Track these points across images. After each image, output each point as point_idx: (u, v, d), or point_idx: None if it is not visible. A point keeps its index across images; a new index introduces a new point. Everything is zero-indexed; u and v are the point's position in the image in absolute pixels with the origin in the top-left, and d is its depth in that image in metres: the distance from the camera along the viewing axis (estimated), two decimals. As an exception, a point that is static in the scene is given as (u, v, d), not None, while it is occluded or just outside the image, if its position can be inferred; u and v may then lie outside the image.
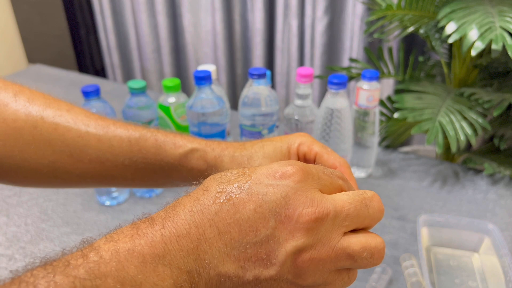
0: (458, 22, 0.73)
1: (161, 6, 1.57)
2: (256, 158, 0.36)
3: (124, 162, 0.35)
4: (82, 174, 0.35)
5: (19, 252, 0.60)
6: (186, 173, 0.37)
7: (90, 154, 0.34)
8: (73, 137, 0.34)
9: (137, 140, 0.35)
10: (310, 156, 0.36)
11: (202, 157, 0.36)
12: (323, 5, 1.32)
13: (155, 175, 0.36)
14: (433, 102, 0.81)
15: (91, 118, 0.35)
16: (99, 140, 0.34)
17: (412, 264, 0.57)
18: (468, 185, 0.76)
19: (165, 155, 0.36)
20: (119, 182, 0.36)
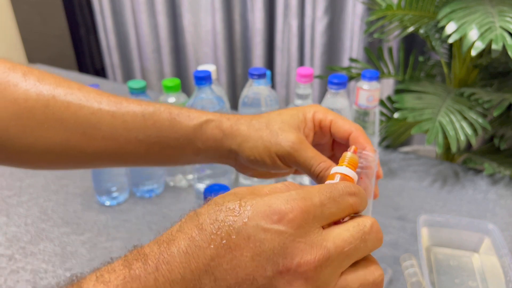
0: (458, 22, 0.73)
1: (161, 6, 1.57)
2: (275, 123, 0.36)
3: (138, 137, 0.35)
4: (95, 152, 0.34)
5: (19, 252, 0.60)
6: (201, 144, 0.36)
7: (103, 131, 0.34)
8: (86, 114, 0.33)
9: (151, 114, 0.35)
10: (325, 123, 0.37)
11: (217, 127, 0.36)
12: (323, 5, 1.32)
13: (169, 149, 0.36)
14: (433, 102, 0.81)
15: (103, 95, 0.35)
16: (113, 116, 0.34)
17: (412, 264, 0.57)
18: (468, 185, 0.77)
19: (179, 127, 0.36)
20: (132, 159, 0.36)
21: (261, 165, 0.36)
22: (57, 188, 0.75)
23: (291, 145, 0.35)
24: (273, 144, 0.35)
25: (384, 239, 0.66)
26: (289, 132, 0.36)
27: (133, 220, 0.67)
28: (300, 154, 0.35)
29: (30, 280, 0.55)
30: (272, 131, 0.36)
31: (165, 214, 0.68)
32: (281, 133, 0.35)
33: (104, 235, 0.63)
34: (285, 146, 0.35)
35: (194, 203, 0.71)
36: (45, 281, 0.55)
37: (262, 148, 0.35)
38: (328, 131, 0.37)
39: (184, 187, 0.75)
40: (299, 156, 0.35)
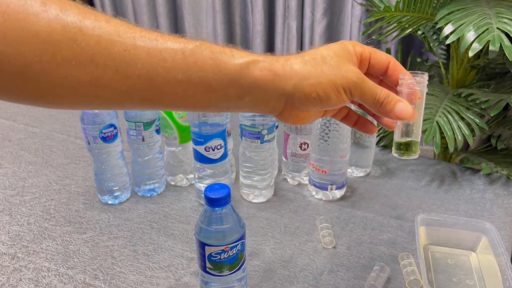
0: (456, 23, 0.74)
1: (162, 8, 1.58)
2: (330, 58, 0.35)
3: (177, 77, 0.32)
4: (129, 91, 0.31)
5: (21, 251, 0.61)
6: (247, 85, 0.34)
7: (139, 69, 0.31)
8: (119, 51, 0.30)
9: (192, 52, 0.32)
10: (365, 54, 0.38)
11: (266, 68, 0.34)
12: (322, 7, 1.33)
13: (211, 91, 0.33)
14: (431, 103, 0.82)
15: (135, 29, 0.32)
16: (149, 53, 0.31)
17: (410, 262, 0.57)
18: (466, 185, 0.77)
19: (224, 66, 0.33)
20: (169, 101, 0.33)
21: (324, 101, 0.35)
22: (59, 187, 0.75)
23: (356, 75, 0.35)
24: (338, 77, 0.35)
25: (382, 238, 0.67)
26: (349, 65, 0.36)
27: (135, 219, 0.67)
28: (366, 83, 0.36)
29: (32, 279, 0.56)
30: (333, 65, 0.35)
31: (166, 213, 0.69)
32: (342, 66, 0.35)
33: (106, 234, 0.64)
34: (352, 77, 0.35)
35: (195, 202, 0.72)
36: (47, 280, 0.56)
37: (327, 82, 0.35)
38: (367, 62, 0.39)
39: (184, 186, 0.76)
40: (365, 86, 0.36)
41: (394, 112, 0.37)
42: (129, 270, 0.57)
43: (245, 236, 0.48)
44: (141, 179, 0.72)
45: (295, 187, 0.77)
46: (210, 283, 0.50)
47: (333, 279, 0.56)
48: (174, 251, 0.61)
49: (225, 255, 0.46)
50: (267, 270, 0.58)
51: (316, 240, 0.63)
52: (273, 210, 0.70)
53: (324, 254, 0.60)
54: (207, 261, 0.47)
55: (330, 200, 0.72)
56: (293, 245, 0.62)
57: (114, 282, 0.55)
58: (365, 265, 0.58)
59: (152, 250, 0.61)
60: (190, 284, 0.55)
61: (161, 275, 0.57)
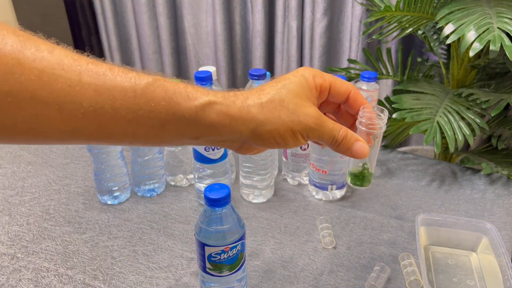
0: (456, 23, 0.74)
1: (162, 8, 1.57)
2: (288, 101, 0.35)
3: (126, 117, 0.30)
4: (73, 130, 0.29)
5: (21, 251, 0.60)
6: (203, 129, 0.33)
7: (85, 108, 0.28)
8: (63, 87, 0.27)
9: (143, 91, 0.30)
10: (325, 86, 0.37)
11: (223, 112, 0.33)
12: (322, 6, 1.33)
13: (163, 131, 0.32)
14: (431, 103, 0.82)
15: (81, 62, 0.29)
16: (96, 90, 0.28)
17: (410, 263, 0.57)
18: (466, 185, 0.77)
19: (178, 108, 0.31)
20: (116, 139, 0.31)
21: (281, 145, 0.35)
22: (59, 187, 0.75)
23: (314, 121, 0.35)
24: (295, 123, 0.34)
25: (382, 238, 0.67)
26: (306, 107, 0.35)
27: (134, 219, 0.67)
28: (323, 128, 0.35)
29: (32, 279, 0.56)
30: (290, 110, 0.34)
31: (166, 213, 0.69)
32: (300, 110, 0.35)
33: (106, 234, 0.64)
34: (309, 124, 0.35)
35: (195, 202, 0.72)
36: (47, 280, 0.56)
37: (284, 129, 0.34)
38: (326, 93, 0.38)
39: (184, 186, 0.76)
40: (323, 130, 0.35)
41: (351, 151, 0.37)
42: (129, 270, 0.57)
43: (245, 236, 0.48)
44: (141, 179, 0.72)
45: (295, 187, 0.76)
46: (210, 283, 0.50)
47: (333, 279, 0.56)
48: (173, 251, 0.61)
49: (225, 256, 0.46)
50: (267, 270, 0.58)
51: (316, 240, 0.63)
52: (273, 210, 0.70)
53: (324, 254, 0.60)
54: (207, 262, 0.46)
55: (330, 200, 0.72)
56: (293, 245, 0.62)
57: (114, 283, 0.55)
58: (366, 266, 0.58)
59: (152, 250, 0.61)
60: (190, 284, 0.55)
61: (161, 276, 0.56)
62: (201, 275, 0.50)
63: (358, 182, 0.42)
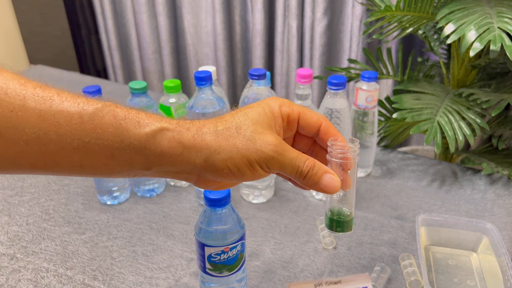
0: (457, 23, 0.74)
1: (161, 7, 1.57)
2: (246, 127, 0.32)
3: (72, 144, 0.28)
4: (16, 158, 0.28)
5: (20, 252, 0.60)
6: (153, 158, 0.31)
7: (27, 134, 0.27)
8: (4, 112, 0.26)
9: (90, 116, 0.28)
10: (293, 116, 0.34)
11: (175, 139, 0.31)
12: (322, 6, 1.32)
13: (112, 160, 0.30)
14: (432, 103, 0.81)
15: (27, 86, 0.28)
16: (40, 115, 0.27)
17: (411, 263, 0.57)
18: (467, 185, 0.77)
19: (127, 135, 0.29)
20: (63, 168, 0.30)
21: (238, 176, 0.32)
22: (58, 187, 0.75)
23: (273, 148, 0.31)
24: (251, 151, 0.31)
25: (382, 238, 0.67)
26: (265, 134, 0.32)
27: (134, 220, 0.67)
28: (284, 157, 0.32)
29: (31, 279, 0.56)
30: (247, 137, 0.31)
31: (165, 214, 0.68)
32: (258, 137, 0.32)
33: (105, 235, 0.64)
34: (267, 151, 0.31)
35: (194, 203, 0.72)
36: (46, 280, 0.56)
37: (239, 158, 0.31)
38: (296, 124, 0.35)
39: (184, 186, 0.76)
40: (283, 159, 0.32)
41: (319, 185, 0.33)
42: (129, 271, 0.57)
43: (245, 236, 0.48)
44: (141, 179, 0.72)
45: (295, 188, 0.76)
46: (210, 283, 0.50)
47: (334, 280, 0.56)
48: (173, 251, 0.60)
49: (225, 256, 0.46)
50: (267, 270, 0.57)
51: (317, 241, 0.63)
52: (273, 211, 0.70)
53: (325, 255, 0.60)
54: (206, 262, 0.46)
55: (330, 200, 0.72)
56: (293, 246, 0.62)
57: (113, 283, 0.55)
58: (366, 266, 0.58)
59: (152, 250, 0.61)
60: (190, 285, 0.55)
61: (161, 276, 0.56)
62: (201, 275, 0.50)
63: (338, 228, 0.36)
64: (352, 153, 0.34)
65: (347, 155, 0.34)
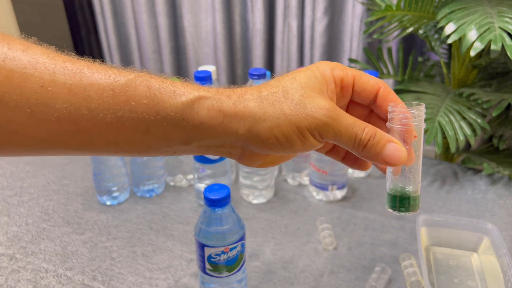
0: (457, 22, 0.74)
1: (161, 7, 1.57)
2: (294, 91, 0.28)
3: (105, 119, 0.26)
4: (48, 138, 0.26)
5: (20, 252, 0.60)
6: (191, 130, 0.28)
7: (58, 110, 0.25)
8: (34, 88, 0.25)
9: (123, 88, 0.27)
10: (347, 80, 0.30)
11: (214, 107, 0.28)
12: (322, 5, 1.32)
13: (149, 136, 0.28)
14: (432, 102, 0.81)
15: (57, 60, 0.26)
16: (70, 90, 0.26)
17: (411, 263, 0.57)
18: (467, 185, 0.77)
19: (162, 107, 0.27)
20: (98, 147, 0.28)
21: (286, 147, 0.29)
22: (58, 188, 0.75)
23: (326, 113, 0.28)
24: (301, 117, 0.28)
25: (383, 238, 0.66)
26: (317, 98, 0.28)
27: (133, 220, 0.67)
28: (340, 123, 0.28)
29: (31, 280, 0.56)
30: (295, 101, 0.28)
31: (165, 214, 0.68)
32: (308, 102, 0.28)
33: (105, 235, 0.64)
34: (319, 116, 0.27)
35: (194, 203, 0.71)
36: (45, 281, 0.55)
37: (287, 125, 0.28)
38: (350, 90, 0.31)
39: (184, 186, 0.76)
40: (338, 126, 0.28)
41: (382, 156, 0.28)
42: (128, 271, 0.57)
43: (245, 237, 0.47)
44: (140, 179, 0.71)
45: (296, 188, 0.76)
46: (210, 284, 0.49)
47: (334, 280, 0.56)
48: (173, 252, 0.60)
49: (225, 256, 0.45)
50: (267, 271, 0.57)
51: (317, 241, 0.63)
52: (273, 211, 0.69)
53: (325, 255, 0.60)
54: (206, 262, 0.46)
55: (330, 200, 0.72)
56: (294, 246, 0.62)
57: (113, 283, 0.55)
58: (366, 266, 0.58)
59: (151, 251, 0.60)
60: (190, 285, 0.55)
61: (160, 276, 0.56)
62: (200, 276, 0.50)
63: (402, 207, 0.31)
64: (416, 120, 0.30)
65: (410, 121, 0.29)
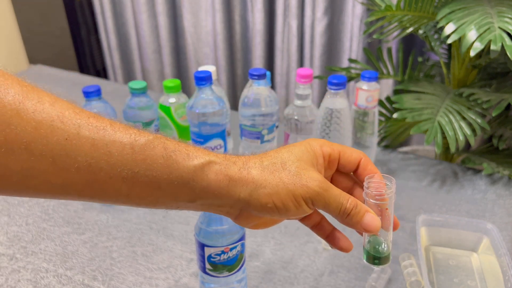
0: (457, 22, 0.74)
1: (161, 7, 1.57)
2: (291, 163, 0.33)
3: (122, 174, 0.29)
4: (65, 185, 0.28)
5: (20, 252, 0.60)
6: (199, 190, 0.31)
7: (79, 162, 0.28)
8: (59, 139, 0.27)
9: (142, 147, 0.29)
10: (334, 155, 0.35)
11: (222, 171, 0.31)
12: (322, 5, 1.32)
13: (159, 192, 0.30)
14: (432, 102, 0.81)
15: (82, 115, 0.28)
16: (93, 144, 0.28)
17: (411, 263, 0.57)
18: (467, 185, 0.77)
19: (176, 167, 0.30)
20: (109, 197, 0.30)
21: (282, 212, 0.32)
22: (58, 188, 0.75)
23: (318, 184, 0.32)
24: (298, 186, 0.31)
25: (383, 238, 0.66)
26: (310, 171, 0.33)
27: (133, 220, 0.67)
28: (329, 193, 0.32)
29: (31, 280, 0.56)
30: (292, 172, 0.32)
31: (165, 214, 0.68)
32: (303, 173, 0.32)
33: (105, 235, 0.64)
34: (313, 187, 0.32)
35: (194, 203, 0.71)
36: (46, 281, 0.55)
37: (285, 192, 0.31)
38: (336, 163, 0.36)
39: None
40: (328, 195, 0.32)
41: (361, 224, 0.33)
42: (128, 271, 0.57)
43: (245, 237, 0.47)
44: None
45: (295, 187, 0.76)
46: (210, 284, 0.49)
47: (334, 280, 0.56)
48: (173, 252, 0.60)
49: (225, 256, 0.46)
50: (267, 271, 0.57)
51: (317, 241, 0.63)
52: (273, 211, 0.69)
53: (325, 255, 0.60)
54: (206, 262, 0.46)
55: (330, 200, 0.72)
56: (294, 246, 0.62)
57: (113, 283, 0.55)
58: (366, 266, 0.58)
59: (151, 251, 0.60)
60: (190, 285, 0.55)
61: (160, 276, 0.56)
62: (200, 275, 0.50)
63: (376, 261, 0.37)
64: (388, 193, 0.35)
65: (383, 196, 0.34)
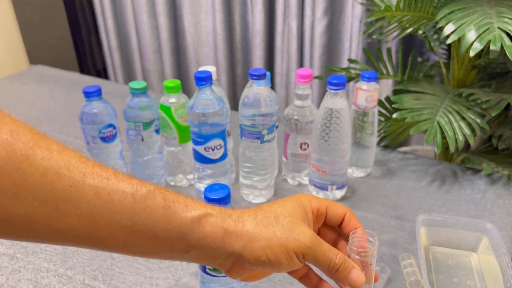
0: (457, 23, 0.74)
1: (161, 7, 1.57)
2: (283, 217, 0.34)
3: (121, 222, 0.30)
4: (66, 231, 0.29)
5: (20, 252, 0.60)
6: (195, 241, 0.32)
7: (81, 209, 0.28)
8: (65, 186, 0.28)
9: (143, 197, 0.30)
10: (322, 210, 0.37)
11: (218, 224, 0.32)
12: (322, 6, 1.32)
13: (155, 241, 0.31)
14: (432, 103, 0.81)
15: (87, 164, 0.30)
16: (96, 192, 0.29)
17: (410, 263, 0.57)
18: (467, 185, 0.77)
19: (174, 217, 0.31)
20: (107, 244, 0.31)
21: (274, 265, 0.33)
22: (58, 188, 0.75)
23: (309, 239, 0.33)
24: (290, 240, 0.33)
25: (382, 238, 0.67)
26: (301, 226, 0.34)
27: (134, 220, 0.67)
28: (320, 247, 0.34)
29: (31, 279, 0.56)
30: (285, 226, 0.33)
31: (165, 214, 0.68)
32: (295, 228, 0.34)
33: (105, 235, 0.64)
34: (305, 241, 0.33)
35: (195, 203, 0.71)
36: (46, 280, 0.56)
37: (278, 246, 0.33)
38: (323, 217, 0.38)
39: (184, 186, 0.76)
40: (318, 250, 0.34)
41: (348, 279, 0.35)
42: (129, 271, 0.57)
43: (245, 237, 0.47)
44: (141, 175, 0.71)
45: (295, 187, 0.76)
46: (210, 284, 0.50)
47: (334, 280, 0.56)
48: (173, 251, 0.60)
49: (225, 256, 0.46)
50: (267, 270, 0.57)
51: (316, 241, 0.63)
52: (273, 211, 0.70)
53: (325, 255, 0.60)
54: (206, 262, 0.46)
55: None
56: (293, 246, 0.62)
57: (113, 283, 0.55)
58: (366, 266, 0.58)
59: (152, 250, 0.61)
60: (190, 285, 0.55)
61: (161, 276, 0.56)
62: (201, 275, 0.50)
63: None
64: (372, 250, 0.36)
65: (367, 253, 0.36)
